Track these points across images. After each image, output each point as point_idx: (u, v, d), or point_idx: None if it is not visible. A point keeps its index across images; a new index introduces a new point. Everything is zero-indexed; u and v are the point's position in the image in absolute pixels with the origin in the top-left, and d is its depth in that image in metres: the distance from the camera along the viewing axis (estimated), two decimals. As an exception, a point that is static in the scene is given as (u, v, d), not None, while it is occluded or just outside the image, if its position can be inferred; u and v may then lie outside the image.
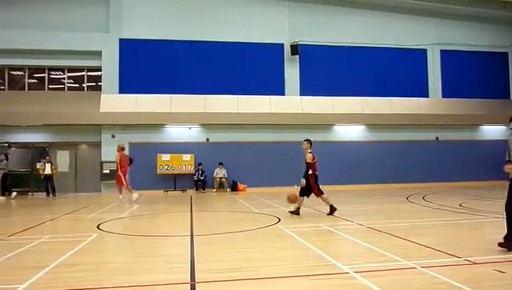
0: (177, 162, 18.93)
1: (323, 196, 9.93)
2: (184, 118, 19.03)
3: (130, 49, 19.28)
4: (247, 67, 20.10)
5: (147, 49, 19.43)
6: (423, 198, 14.21)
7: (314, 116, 19.79)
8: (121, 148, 14.80)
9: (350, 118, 20.28)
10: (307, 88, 20.39)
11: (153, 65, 19.41)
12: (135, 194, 14.49)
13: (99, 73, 19.55)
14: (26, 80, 19.70)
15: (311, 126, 19.83)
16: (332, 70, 20.70)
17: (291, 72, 20.51)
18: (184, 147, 19.26)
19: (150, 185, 18.61)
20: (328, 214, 9.86)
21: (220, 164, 19.17)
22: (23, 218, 10.80)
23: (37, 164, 18.63)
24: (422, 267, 4.84)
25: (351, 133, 20.85)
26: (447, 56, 22.10)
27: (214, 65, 19.84)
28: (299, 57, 20.42)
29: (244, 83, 19.88)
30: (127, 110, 18.54)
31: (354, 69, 20.98)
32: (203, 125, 19.57)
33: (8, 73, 19.57)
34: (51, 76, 19.80)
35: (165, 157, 18.87)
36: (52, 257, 5.64)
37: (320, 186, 10.00)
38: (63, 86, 19.89)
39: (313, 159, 9.89)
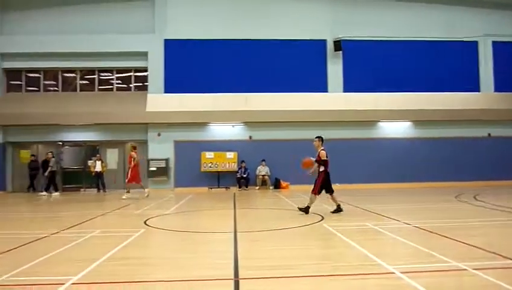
0: (221, 160, 19.18)
1: (317, 196, 9.77)
2: (227, 116, 19.26)
3: (174, 49, 19.73)
4: (289, 65, 20.02)
5: (191, 48, 19.80)
6: (475, 197, 13.59)
7: (358, 113, 19.42)
8: (133, 147, 15.89)
9: (395, 115, 19.73)
10: (351, 84, 20.04)
11: (197, 64, 19.76)
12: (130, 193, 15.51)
13: (145, 73, 20.15)
14: (78, 82, 20.65)
15: (354, 123, 19.50)
16: (377, 65, 20.20)
17: (334, 69, 20.22)
18: (227, 144, 19.49)
19: (194, 182, 18.99)
20: (301, 209, 9.80)
21: (263, 161, 19.24)
22: (75, 213, 11.33)
23: (88, 161, 19.50)
24: (474, 269, 4.64)
25: (396, 130, 20.26)
26: (499, 48, 20.96)
27: (256, 63, 19.93)
28: (343, 53, 20.09)
29: (286, 81, 19.81)
30: (172, 109, 19.00)
31: (399, 63, 20.36)
32: (246, 123, 19.72)
33: (61, 75, 20.59)
34: (101, 77, 20.64)
35: (209, 155, 19.18)
36: (103, 251, 5.88)
37: (333, 185, 9.92)
38: (111, 86, 20.68)
39: (326, 155, 9.84)
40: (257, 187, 19.18)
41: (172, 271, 4.96)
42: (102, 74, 20.65)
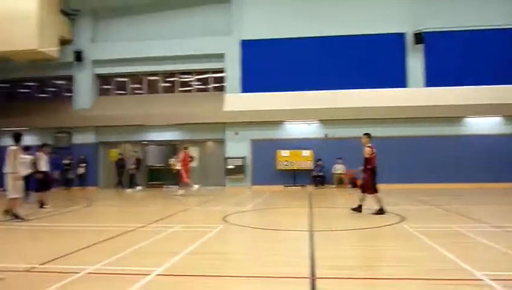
0: (296, 158, 19.18)
1: (378, 195, 9.43)
2: (302, 114, 19.19)
3: (250, 49, 20.08)
4: (365, 61, 19.37)
5: (266, 48, 19.99)
6: None
7: (443, 108, 18.26)
8: (185, 148, 17.15)
9: (484, 109, 18.22)
10: (434, 78, 18.89)
11: (272, 63, 19.90)
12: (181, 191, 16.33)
13: (223, 74, 20.75)
14: (160, 84, 21.84)
15: (437, 119, 18.40)
16: (463, 57, 18.82)
17: (415, 63, 19.24)
18: (303, 142, 19.42)
19: (270, 180, 19.19)
20: (373, 214, 9.30)
21: (339, 159, 18.88)
22: (158, 208, 12.01)
23: (170, 159, 20.52)
24: None
25: (485, 126, 18.72)
26: None
27: (331, 60, 19.57)
28: (424, 46, 19.05)
29: (362, 77, 19.18)
30: (249, 108, 19.36)
31: (487, 54, 18.74)
32: (322, 121, 19.49)
33: (146, 79, 21.92)
34: (181, 79, 21.64)
35: (285, 153, 19.26)
36: (184, 245, 6.17)
37: (376, 184, 9.56)
38: (191, 88, 21.59)
39: (372, 153, 9.53)
40: (333, 186, 18.88)
41: (249, 267, 5.07)
42: (182, 76, 21.64)
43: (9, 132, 20.54)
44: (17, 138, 9.44)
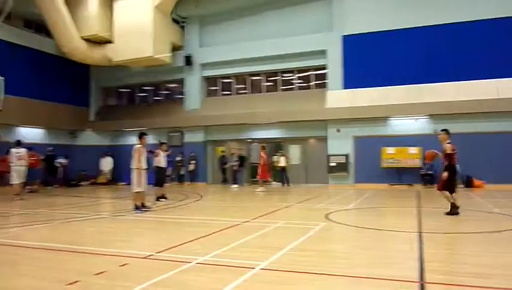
0: (403, 156, 18.24)
1: (451, 194, 9.08)
2: (409, 109, 18.15)
3: (352, 44, 19.56)
4: (476, 49, 17.53)
5: (369, 42, 19.28)
6: None
7: None
8: (262, 147, 17.96)
9: None
10: None
11: (376, 57, 19.13)
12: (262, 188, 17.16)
13: (324, 71, 20.56)
14: (263, 84, 22.39)
15: None
16: None
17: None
18: (410, 139, 18.37)
19: (374, 178, 18.53)
20: (446, 213, 9.03)
21: (451, 157, 17.48)
22: (262, 204, 12.36)
23: (273, 157, 20.94)
24: None
25: None
26: None
27: (438, 50, 18.12)
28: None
29: (469, 67, 17.39)
30: (351, 104, 18.92)
31: None
32: (431, 116, 18.22)
33: (249, 79, 22.65)
34: (283, 78, 21.93)
35: (390, 150, 18.44)
36: (286, 241, 6.28)
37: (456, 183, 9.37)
38: (292, 86, 21.77)
39: (453, 149, 9.23)
40: (445, 185, 17.56)
41: (352, 267, 4.98)
42: (284, 75, 21.91)
43: (132, 132, 23.09)
44: (140, 136, 10.48)
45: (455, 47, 17.95)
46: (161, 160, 13.16)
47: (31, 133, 21.33)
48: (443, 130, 9.74)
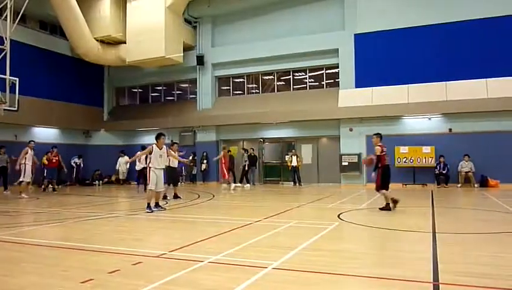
0: (416, 155, 18.05)
1: (386, 191, 10.00)
2: (423, 108, 17.96)
3: (364, 43, 19.42)
4: (492, 47, 17.27)
5: (381, 40, 19.14)
6: None
7: None
8: (224, 147, 18.87)
9: None
10: None
11: (388, 56, 18.97)
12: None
13: (336, 70, 20.45)
14: (275, 83, 22.37)
15: None
16: None
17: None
18: (423, 138, 18.19)
19: (388, 178, 18.33)
20: (380, 209, 9.94)
21: (466, 156, 17.28)
22: (274, 204, 12.34)
23: (285, 156, 20.92)
24: None
25: None
26: None
27: (453, 48, 17.88)
28: None
29: (491, 65, 17.12)
30: (363, 103, 18.78)
31: None
32: (445, 114, 18.00)
33: (261, 78, 22.64)
34: (295, 77, 21.87)
35: (403, 149, 18.26)
36: (299, 241, 6.27)
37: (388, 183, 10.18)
38: (305, 85, 21.71)
39: (382, 151, 10.13)
40: (459, 185, 17.36)
41: (365, 267, 4.95)
42: (296, 74, 21.86)
43: (145, 131, 23.28)
44: (157, 137, 10.53)
45: (470, 44, 17.70)
46: (173, 160, 13.23)
47: (46, 133, 21.64)
48: (376, 134, 10.52)
